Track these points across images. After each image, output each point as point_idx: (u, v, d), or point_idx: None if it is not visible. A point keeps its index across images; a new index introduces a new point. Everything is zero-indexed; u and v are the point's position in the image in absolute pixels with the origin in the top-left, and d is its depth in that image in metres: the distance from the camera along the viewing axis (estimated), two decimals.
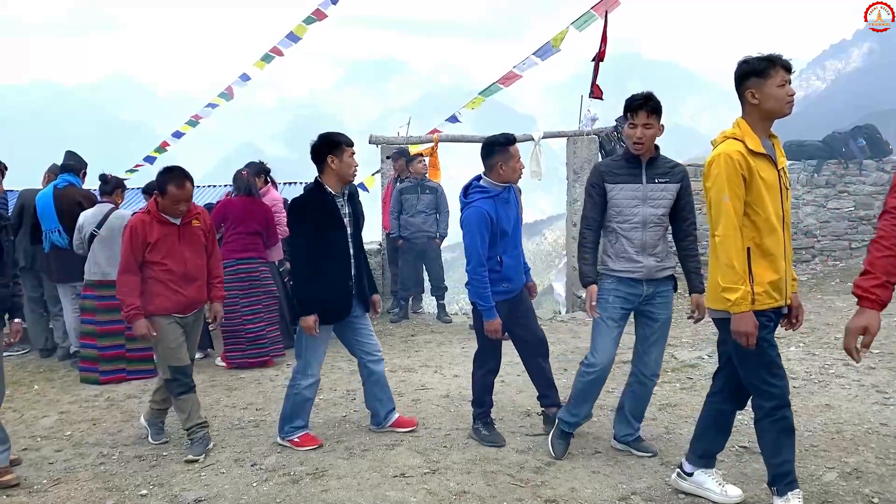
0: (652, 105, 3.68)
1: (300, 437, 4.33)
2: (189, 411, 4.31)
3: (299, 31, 11.91)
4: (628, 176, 3.80)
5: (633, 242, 3.82)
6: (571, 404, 4.06)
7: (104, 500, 3.67)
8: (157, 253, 4.20)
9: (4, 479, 3.86)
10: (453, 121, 10.73)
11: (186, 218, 4.29)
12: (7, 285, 4.05)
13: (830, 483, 3.58)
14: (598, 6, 9.87)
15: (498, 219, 4.12)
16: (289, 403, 4.35)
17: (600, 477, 3.75)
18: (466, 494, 3.58)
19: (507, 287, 4.23)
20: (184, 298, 4.26)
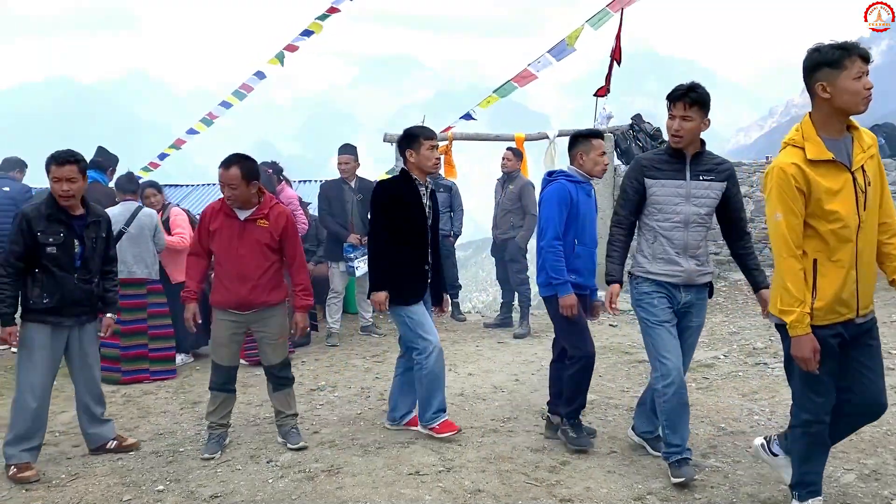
0: (693, 96, 3.47)
1: (440, 424, 4.28)
2: (215, 406, 4.29)
3: (314, 27, 11.94)
4: (671, 171, 3.60)
5: (673, 243, 3.61)
6: (667, 434, 3.65)
7: (121, 495, 3.70)
8: (214, 243, 4.18)
9: (23, 476, 3.90)
10: (468, 119, 10.72)
11: (253, 215, 4.16)
12: (90, 280, 4.12)
13: (849, 485, 3.55)
14: (613, 3, 9.83)
15: (577, 202, 4.08)
16: (422, 388, 4.29)
17: (615, 476, 3.74)
18: (481, 493, 3.57)
19: (574, 279, 4.10)
20: (234, 297, 4.15)
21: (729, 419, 4.55)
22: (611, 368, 5.93)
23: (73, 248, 4.03)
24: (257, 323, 4.25)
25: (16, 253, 3.92)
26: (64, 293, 3.99)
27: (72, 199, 4.00)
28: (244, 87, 12.72)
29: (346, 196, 7.08)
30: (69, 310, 4.03)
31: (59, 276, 3.98)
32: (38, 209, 3.98)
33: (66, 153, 3.99)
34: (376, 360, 6.47)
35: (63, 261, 3.99)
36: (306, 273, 4.38)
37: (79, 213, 4.08)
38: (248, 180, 4.09)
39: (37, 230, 3.92)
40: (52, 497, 3.71)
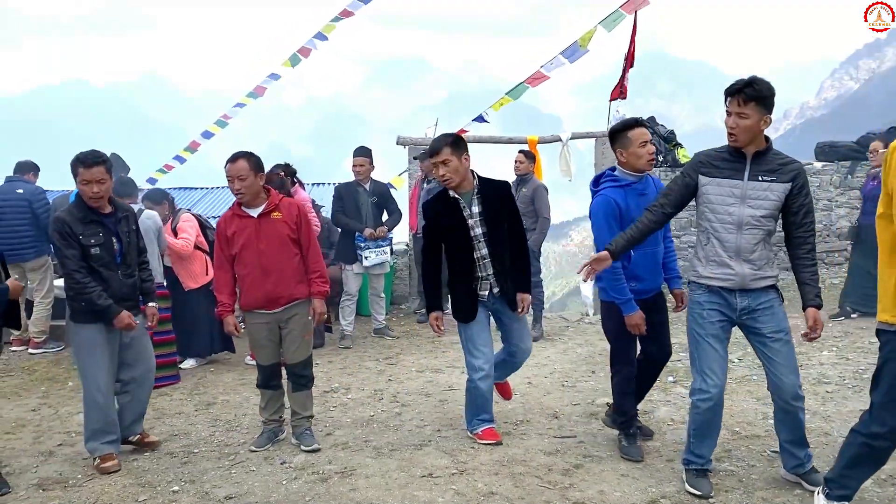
0: (749, 92, 3.24)
1: (483, 430, 4.32)
2: (265, 403, 4.42)
3: (327, 30, 11.98)
4: (728, 170, 3.41)
5: (725, 245, 3.44)
6: (692, 443, 3.60)
7: (137, 495, 3.73)
8: (235, 246, 4.20)
9: (105, 467, 4.04)
10: (480, 121, 10.72)
11: (266, 209, 4.21)
12: (132, 275, 4.23)
13: (865, 489, 3.51)
14: (626, 5, 9.80)
15: (627, 208, 3.87)
16: (469, 398, 4.37)
17: (629, 480, 3.73)
18: (494, 496, 3.58)
19: (636, 286, 3.93)
20: (261, 293, 4.19)
21: (743, 423, 4.53)
22: None
23: (113, 245, 4.13)
24: (285, 321, 4.29)
25: (76, 256, 4.01)
26: (112, 291, 4.08)
27: (102, 199, 4.07)
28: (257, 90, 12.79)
29: (360, 198, 7.10)
30: (118, 306, 4.11)
31: (105, 275, 4.07)
32: (71, 213, 4.05)
33: (92, 155, 4.05)
34: (389, 362, 6.48)
35: (106, 259, 4.09)
36: (321, 260, 4.41)
37: (108, 212, 4.16)
38: (255, 171, 4.16)
39: (78, 233, 4.00)
40: (68, 497, 3.74)
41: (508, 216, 4.27)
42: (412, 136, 9.76)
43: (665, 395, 5.19)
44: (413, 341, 7.36)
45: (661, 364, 4.20)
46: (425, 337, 7.56)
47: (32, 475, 4.03)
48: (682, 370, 5.77)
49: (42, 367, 6.54)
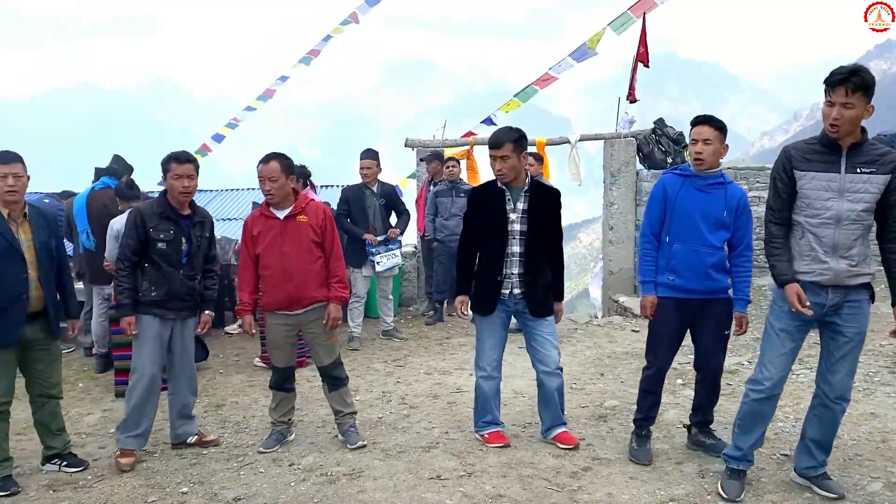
0: (856, 81, 3.11)
1: (489, 433, 4.32)
2: (276, 405, 4.45)
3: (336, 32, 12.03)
4: (823, 163, 3.28)
5: (821, 241, 3.31)
6: (735, 433, 3.60)
7: (146, 496, 3.75)
8: (259, 246, 4.23)
9: (121, 461, 4.12)
10: (489, 123, 10.73)
11: (292, 212, 4.22)
12: (194, 277, 4.31)
13: (875, 493, 3.50)
14: (635, 7, 9.80)
15: (676, 198, 3.85)
16: (475, 397, 4.38)
17: (637, 483, 3.72)
18: (503, 498, 3.57)
19: (673, 280, 3.88)
20: (283, 294, 4.20)
21: None
22: (633, 374, 5.89)
23: (181, 245, 4.23)
24: (308, 324, 4.31)
25: (131, 247, 4.13)
26: (171, 287, 4.19)
27: (190, 195, 4.23)
28: (267, 92, 12.85)
29: (367, 200, 7.11)
30: (173, 304, 4.23)
31: (166, 271, 4.18)
32: (151, 207, 4.20)
33: (184, 153, 4.24)
34: (398, 364, 6.48)
35: (171, 257, 4.19)
36: (343, 265, 4.43)
37: (187, 213, 4.28)
38: (286, 174, 4.18)
39: (149, 226, 4.13)
40: (78, 497, 3.76)
41: (551, 224, 4.23)
42: (420, 137, 9.78)
43: (674, 398, 5.17)
44: (421, 343, 7.36)
45: (707, 375, 4.07)
46: (433, 339, 7.56)
47: (43, 476, 4.06)
48: (691, 373, 5.73)
49: None
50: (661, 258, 3.95)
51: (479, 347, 4.30)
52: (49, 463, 4.18)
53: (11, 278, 3.81)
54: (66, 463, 4.15)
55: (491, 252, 4.17)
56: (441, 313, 8.50)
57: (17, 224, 3.89)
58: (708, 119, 3.85)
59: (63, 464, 4.14)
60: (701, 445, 4.13)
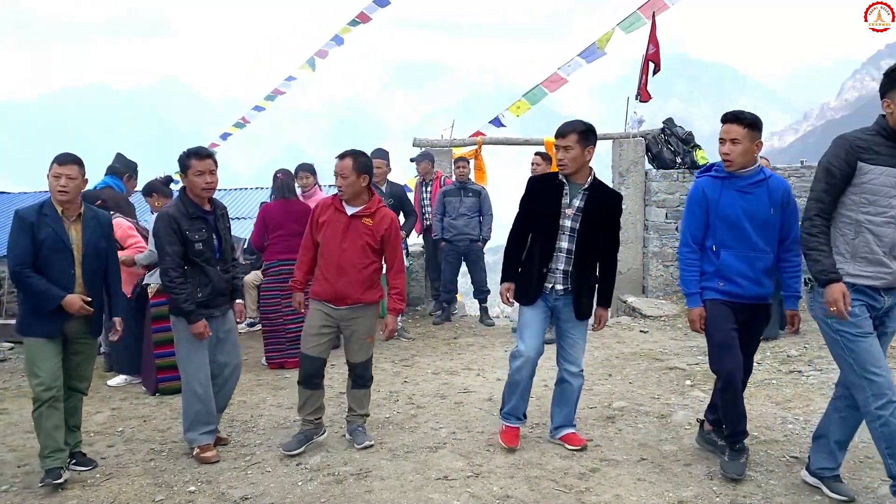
0: None
1: (506, 427, 4.26)
2: (302, 403, 4.35)
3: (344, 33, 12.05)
4: (890, 157, 3.13)
5: (882, 241, 3.15)
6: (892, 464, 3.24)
7: (154, 495, 3.75)
8: (320, 234, 4.25)
9: (206, 456, 4.17)
10: (497, 124, 10.72)
11: (360, 212, 4.22)
12: (228, 270, 4.37)
13: (886, 496, 3.46)
14: (644, 7, 9.77)
15: (717, 203, 3.64)
16: (507, 382, 4.28)
17: (645, 484, 3.70)
18: (510, 499, 3.56)
19: (723, 287, 3.68)
20: (330, 288, 4.21)
21: (762, 427, 4.48)
22: (641, 375, 5.87)
23: (213, 241, 4.27)
24: (348, 321, 4.29)
25: (178, 252, 4.12)
26: (213, 286, 4.24)
27: (212, 191, 4.25)
28: (275, 92, 12.89)
29: None
30: (216, 300, 4.28)
31: (206, 270, 4.22)
32: (179, 209, 4.17)
33: (203, 149, 4.24)
34: (405, 363, 6.48)
35: (207, 255, 4.23)
36: (404, 279, 4.40)
37: (208, 209, 4.29)
38: (358, 172, 4.16)
39: (185, 229, 4.13)
40: (86, 496, 3.77)
41: (608, 226, 4.11)
42: (428, 137, 9.77)
43: (682, 399, 5.14)
44: (429, 343, 7.36)
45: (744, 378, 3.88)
46: (441, 339, 7.56)
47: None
48: (700, 374, 5.73)
49: None
50: (707, 265, 3.73)
51: (521, 333, 4.17)
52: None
53: (58, 273, 3.91)
54: (75, 461, 4.15)
55: (540, 245, 4.06)
56: (448, 313, 8.49)
57: (70, 223, 3.97)
58: (736, 116, 3.61)
59: (72, 462, 4.13)
60: (712, 444, 4.02)
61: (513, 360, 4.19)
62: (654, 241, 9.11)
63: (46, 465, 3.89)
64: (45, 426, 3.91)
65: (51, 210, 3.92)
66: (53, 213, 3.91)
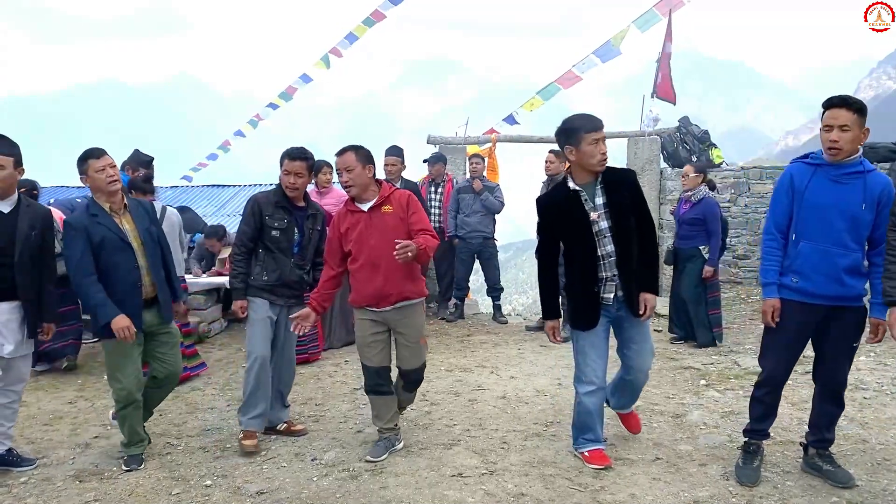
0: None
1: (590, 451, 3.96)
2: (378, 411, 4.21)
3: (358, 31, 12.06)
4: None
5: None
6: None
7: (170, 488, 3.78)
8: (349, 243, 4.10)
9: (245, 443, 4.25)
10: (511, 122, 10.71)
11: (376, 203, 4.07)
12: (304, 267, 4.48)
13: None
14: (660, 4, 9.72)
15: (805, 188, 3.44)
16: (574, 413, 4.03)
17: (661, 484, 3.68)
18: (524, 497, 3.56)
19: (797, 283, 3.49)
20: (371, 289, 4.04)
21: (778, 428, 4.45)
22: (655, 375, 5.84)
23: (293, 234, 4.41)
24: (396, 323, 4.13)
25: (247, 234, 4.34)
26: (282, 273, 4.36)
27: (297, 191, 4.36)
28: (289, 90, 12.92)
29: None
30: (282, 290, 4.38)
31: (278, 258, 4.36)
32: (268, 196, 4.39)
33: (299, 150, 4.39)
34: None
35: (283, 245, 4.37)
36: (429, 224, 4.15)
37: (301, 206, 4.44)
38: (363, 163, 4.06)
39: (265, 214, 4.33)
40: (104, 488, 3.80)
41: (636, 207, 3.80)
42: (443, 135, 9.77)
43: (697, 399, 5.12)
44: (442, 340, 7.37)
45: (828, 389, 3.65)
46: (454, 336, 7.56)
47: (69, 466, 4.11)
48: (715, 374, 5.70)
49: (78, 361, 6.65)
50: (784, 257, 3.56)
51: (581, 360, 3.89)
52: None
53: (124, 268, 3.97)
54: None
55: (582, 261, 3.77)
56: (461, 310, 8.49)
57: (120, 216, 4.03)
58: (845, 101, 3.36)
59: None
60: (817, 470, 3.70)
61: (581, 387, 3.90)
62: (669, 239, 9.07)
63: (130, 452, 4.12)
64: (131, 424, 4.11)
65: (98, 209, 3.95)
66: (102, 212, 3.95)
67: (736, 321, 7.78)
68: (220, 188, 13.82)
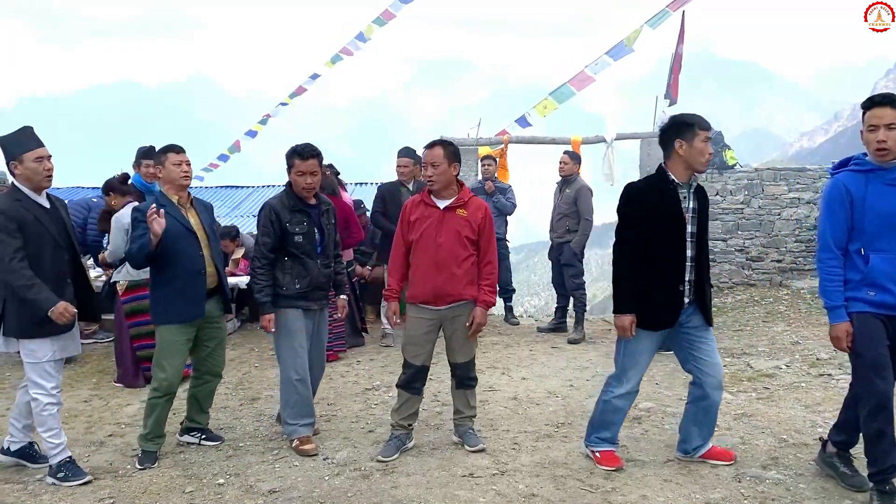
0: None
1: (601, 452, 3.94)
2: (399, 405, 4.22)
3: (368, 31, 12.08)
4: None
5: None
6: None
7: (183, 486, 3.81)
8: (414, 233, 4.10)
9: (304, 448, 4.22)
10: (523, 123, 10.68)
11: (453, 204, 4.08)
12: (329, 265, 4.44)
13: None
14: (674, 3, 9.69)
15: (862, 198, 3.26)
16: (598, 410, 3.96)
17: (672, 486, 3.68)
18: (535, 497, 3.56)
19: (874, 296, 3.27)
20: (430, 287, 4.06)
21: (791, 430, 4.43)
22: (668, 376, 5.83)
23: (315, 235, 4.35)
24: (449, 320, 4.16)
25: (268, 245, 4.24)
26: (311, 278, 4.30)
27: (313, 190, 4.30)
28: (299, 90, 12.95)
29: (403, 198, 7.11)
30: (314, 294, 4.34)
31: (305, 263, 4.29)
32: (282, 201, 4.29)
33: (308, 148, 4.27)
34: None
35: (307, 248, 4.30)
36: (496, 269, 4.23)
37: (313, 203, 4.37)
38: (450, 161, 4.06)
39: (284, 221, 4.24)
40: (118, 486, 3.84)
41: (707, 223, 3.83)
42: (454, 135, 9.77)
43: None
44: None
45: None
46: None
47: (84, 464, 4.13)
48: (728, 376, 5.67)
49: (93, 359, 6.72)
50: (851, 273, 3.35)
51: (629, 363, 3.80)
52: (188, 434, 4.42)
53: (189, 257, 4.10)
54: (205, 437, 4.42)
55: (670, 259, 3.66)
56: None
57: (186, 209, 4.19)
58: (889, 98, 3.24)
59: (203, 437, 4.42)
60: (833, 469, 3.64)
61: (618, 388, 3.83)
62: None
63: (147, 448, 4.14)
64: (159, 415, 4.17)
65: (166, 201, 4.12)
66: (170, 203, 4.12)
67: (749, 324, 7.74)
68: (234, 189, 13.90)
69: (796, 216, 9.40)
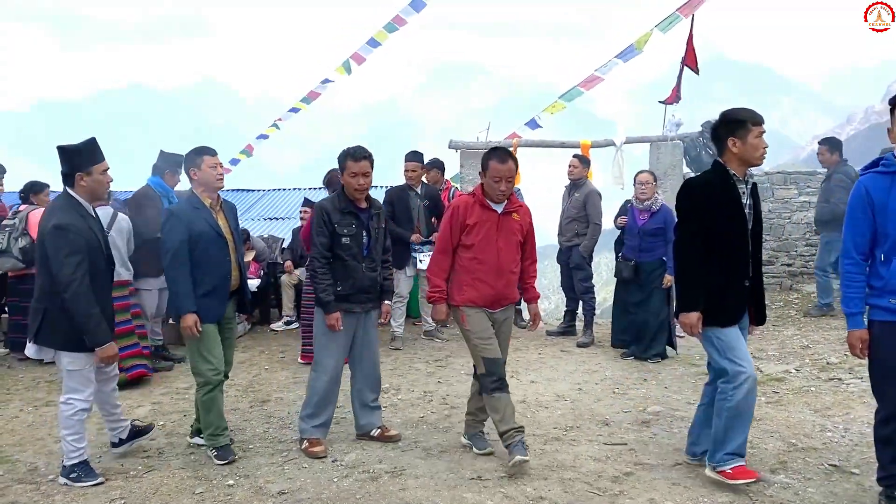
0: None
1: (733, 468, 3.59)
2: (503, 412, 4.00)
3: (380, 37, 12.12)
4: None
5: None
6: None
7: (194, 487, 3.84)
8: (472, 237, 4.03)
9: (314, 451, 4.24)
10: (533, 126, 10.68)
11: (507, 208, 4.08)
12: (375, 269, 4.42)
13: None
14: (683, 8, 9.68)
15: (884, 202, 3.15)
16: (720, 421, 3.60)
17: (680, 489, 3.68)
18: (543, 500, 3.57)
19: (894, 304, 3.18)
20: (491, 292, 4.05)
21: (800, 434, 4.42)
22: (677, 380, 5.82)
23: (362, 238, 4.34)
24: (500, 323, 4.17)
25: (324, 244, 4.26)
26: (355, 281, 4.30)
27: (365, 191, 4.32)
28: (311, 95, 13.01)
29: (411, 202, 7.16)
30: (357, 297, 4.34)
31: (350, 265, 4.29)
32: (333, 203, 4.32)
33: (360, 149, 4.31)
34: (439, 364, 6.52)
35: (354, 251, 4.30)
36: (535, 268, 4.33)
37: (364, 206, 4.37)
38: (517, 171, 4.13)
39: (334, 222, 4.25)
40: (129, 487, 3.87)
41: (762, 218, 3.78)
42: (464, 139, 9.79)
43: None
44: (462, 344, 7.30)
45: None
46: None
47: (95, 465, 4.16)
48: None
49: None
50: (874, 279, 3.25)
51: (731, 353, 3.56)
52: (199, 436, 4.43)
53: (219, 261, 4.17)
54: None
55: (735, 255, 3.59)
56: None
57: (216, 213, 4.24)
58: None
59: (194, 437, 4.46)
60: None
61: (735, 388, 3.54)
62: None
63: (218, 443, 4.19)
64: (217, 408, 4.20)
65: (200, 203, 4.17)
66: (203, 206, 4.17)
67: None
68: (245, 192, 13.98)
69: (806, 220, 9.36)
